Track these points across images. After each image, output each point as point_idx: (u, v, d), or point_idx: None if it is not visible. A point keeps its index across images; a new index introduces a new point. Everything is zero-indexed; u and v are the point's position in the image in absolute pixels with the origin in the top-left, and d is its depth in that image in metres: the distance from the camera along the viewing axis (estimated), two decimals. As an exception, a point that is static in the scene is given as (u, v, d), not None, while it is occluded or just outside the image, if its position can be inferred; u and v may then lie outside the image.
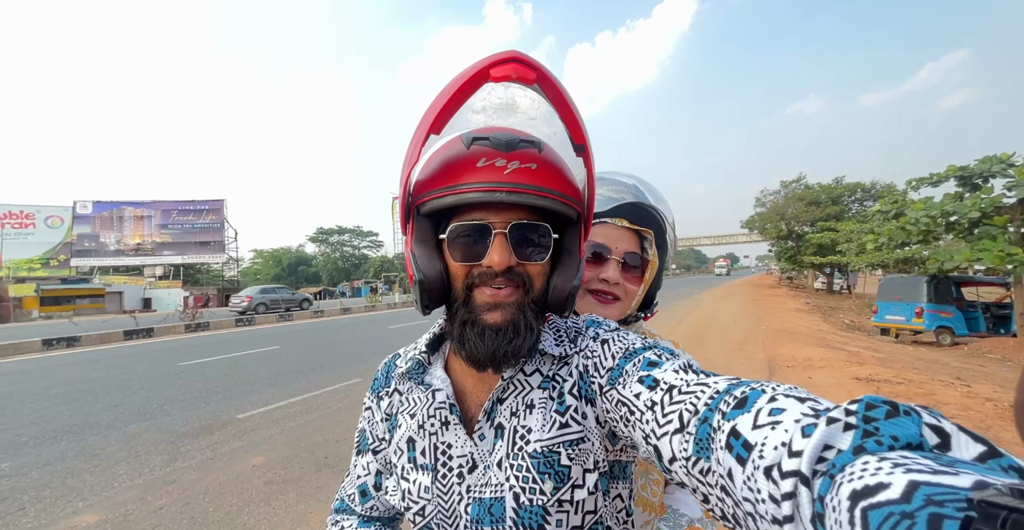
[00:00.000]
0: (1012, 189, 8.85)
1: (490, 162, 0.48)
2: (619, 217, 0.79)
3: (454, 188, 0.48)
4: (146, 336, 12.16)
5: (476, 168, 0.48)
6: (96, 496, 3.00)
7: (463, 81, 0.44)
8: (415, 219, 0.53)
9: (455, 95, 0.44)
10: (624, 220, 0.79)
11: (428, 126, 0.46)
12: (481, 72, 0.43)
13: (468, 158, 0.49)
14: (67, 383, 6.35)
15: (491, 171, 0.48)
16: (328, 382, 6.02)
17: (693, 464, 0.35)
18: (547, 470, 0.49)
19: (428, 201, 0.50)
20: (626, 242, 0.78)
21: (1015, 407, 0.27)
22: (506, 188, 0.47)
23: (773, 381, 0.36)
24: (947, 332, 9.96)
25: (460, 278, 0.51)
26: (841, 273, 27.90)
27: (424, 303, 0.52)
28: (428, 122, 0.47)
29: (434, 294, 0.51)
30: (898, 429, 0.24)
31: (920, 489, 0.20)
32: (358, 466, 0.66)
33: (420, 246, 0.52)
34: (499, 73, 0.43)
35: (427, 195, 0.50)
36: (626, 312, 0.78)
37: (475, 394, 0.57)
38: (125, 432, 4.23)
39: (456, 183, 0.48)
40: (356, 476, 0.66)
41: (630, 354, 0.48)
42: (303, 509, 2.80)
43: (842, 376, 5.75)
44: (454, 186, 0.48)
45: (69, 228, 37.36)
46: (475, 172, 0.48)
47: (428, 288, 0.50)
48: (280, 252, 54.24)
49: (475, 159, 0.48)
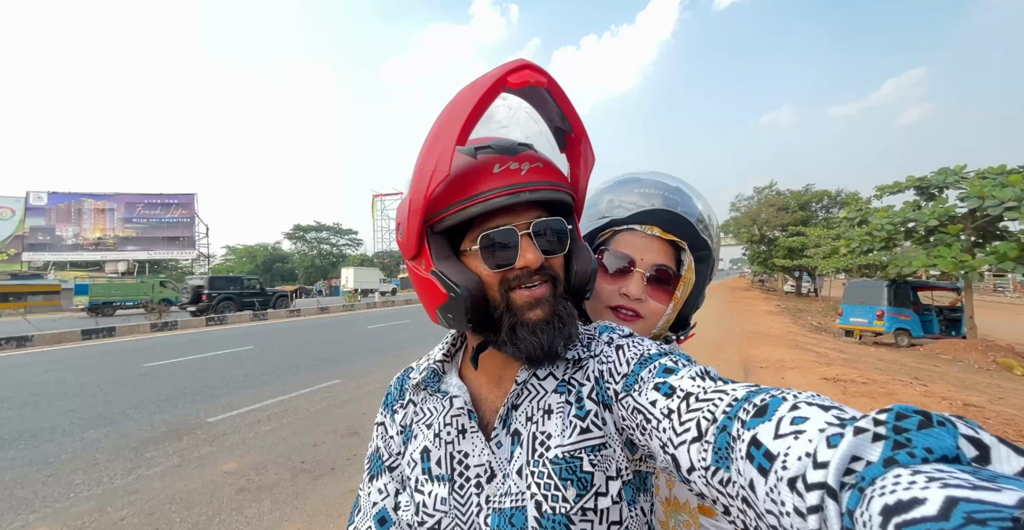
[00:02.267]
0: (964, 200, 9.48)
1: (504, 166, 0.49)
2: (649, 224, 0.69)
3: (477, 197, 0.48)
4: (107, 336, 11.48)
5: (493, 174, 0.48)
6: (49, 508, 2.80)
7: (483, 90, 0.44)
8: (430, 239, 0.51)
9: (479, 105, 0.44)
10: (656, 228, 0.69)
11: (455, 138, 0.45)
12: (500, 80, 0.44)
13: (480, 166, 0.49)
14: (17, 386, 5.93)
15: (509, 175, 0.48)
16: (305, 383, 5.84)
17: (712, 474, 0.34)
18: (569, 476, 0.48)
19: (447, 216, 0.49)
20: (655, 253, 0.69)
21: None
22: (528, 188, 0.48)
23: (791, 388, 0.35)
24: (905, 334, 10.57)
25: (495, 285, 0.51)
26: (809, 277, 29.17)
27: (468, 318, 0.50)
28: (453, 133, 0.45)
29: (477, 307, 0.50)
30: (932, 440, 0.23)
31: (959, 506, 0.18)
32: (372, 493, 0.61)
33: (444, 264, 0.50)
34: (517, 79, 0.44)
35: (445, 210, 0.49)
36: (650, 332, 0.70)
37: (490, 401, 0.56)
38: (82, 438, 3.97)
39: (477, 192, 0.48)
40: (372, 504, 0.60)
41: (645, 360, 0.48)
42: (278, 517, 2.70)
43: (812, 377, 6.00)
44: (475, 195, 0.48)
45: (21, 220, 35.00)
46: (493, 178, 0.48)
47: (473, 301, 0.50)
48: (255, 249, 52.40)
49: (488, 166, 0.49)
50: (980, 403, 4.92)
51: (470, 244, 0.51)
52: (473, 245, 0.50)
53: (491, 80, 0.44)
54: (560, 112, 0.51)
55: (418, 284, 0.54)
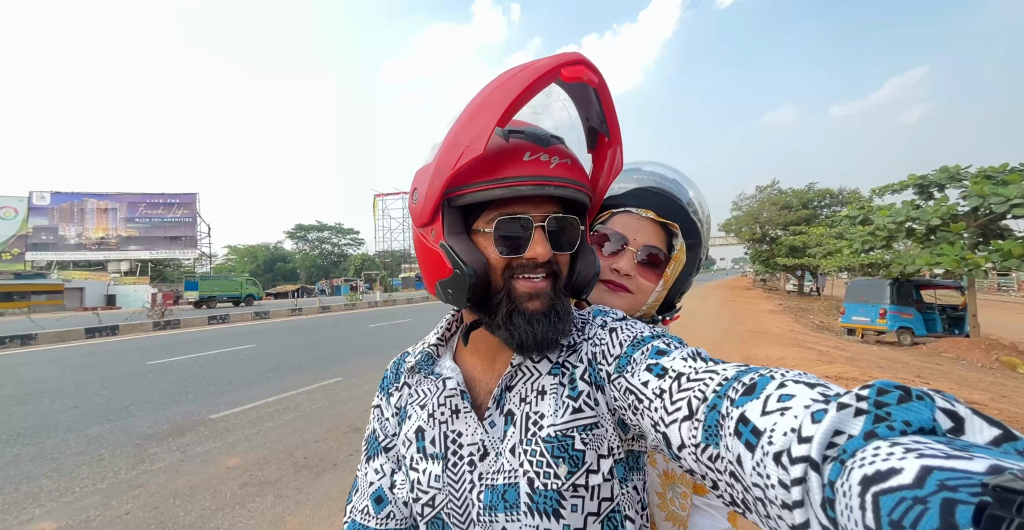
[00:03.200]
0: (966, 198, 9.44)
1: (535, 156, 0.48)
2: (645, 207, 0.73)
3: (503, 181, 0.47)
4: (110, 334, 11.54)
5: (523, 161, 0.48)
6: (54, 502, 2.83)
7: (534, 77, 0.44)
8: (445, 211, 0.51)
9: (527, 90, 0.44)
10: (650, 211, 0.73)
11: (497, 118, 0.44)
12: (552, 70, 0.44)
13: (511, 151, 0.48)
14: (21, 384, 5.97)
15: (537, 165, 0.48)
16: (306, 381, 5.86)
17: (702, 451, 0.35)
18: (561, 454, 0.49)
19: (469, 193, 0.49)
20: (647, 235, 0.72)
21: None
22: (554, 183, 0.48)
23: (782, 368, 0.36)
24: (908, 332, 10.53)
25: (500, 270, 0.51)
26: (812, 276, 29.09)
27: (468, 297, 0.51)
28: (496, 113, 0.44)
29: (479, 288, 0.50)
30: (910, 414, 0.24)
31: (933, 474, 0.19)
32: (369, 473, 0.63)
33: (455, 239, 0.50)
34: (571, 73, 0.44)
35: (468, 187, 0.48)
36: (638, 308, 0.73)
37: (484, 382, 0.57)
38: (87, 435, 4.00)
39: (504, 176, 0.48)
40: (368, 484, 0.62)
41: (638, 342, 0.49)
42: (281, 512, 2.72)
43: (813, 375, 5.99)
44: (503, 179, 0.47)
45: (24, 220, 35.17)
46: (522, 165, 0.48)
47: (476, 282, 0.50)
48: (256, 248, 52.53)
49: (519, 152, 0.48)
50: (983, 401, 4.91)
51: (484, 225, 0.51)
52: (487, 227, 0.50)
53: (544, 68, 0.44)
54: (601, 114, 0.52)
55: (424, 254, 0.54)
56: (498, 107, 0.44)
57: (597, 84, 0.47)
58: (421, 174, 0.53)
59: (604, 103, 0.50)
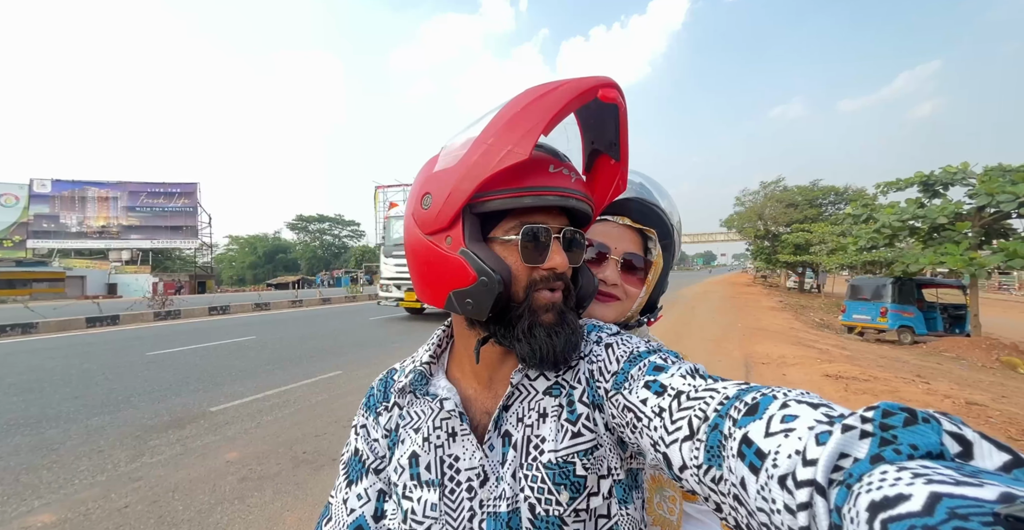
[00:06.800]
0: (973, 197, 9.35)
1: (559, 169, 0.50)
2: (621, 215, 0.75)
3: (532, 190, 0.48)
4: (111, 323, 11.57)
5: (549, 173, 0.49)
6: (54, 494, 2.83)
7: (579, 91, 0.45)
8: (467, 217, 0.49)
9: (571, 103, 0.45)
10: (626, 218, 0.75)
11: (543, 126, 0.44)
12: (593, 89, 0.46)
13: (537, 162, 0.49)
14: (21, 372, 5.98)
15: (561, 178, 0.49)
16: (307, 374, 5.87)
17: (704, 472, 0.34)
18: (563, 481, 0.48)
19: (495, 200, 0.48)
20: (627, 242, 0.74)
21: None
22: (576, 195, 0.50)
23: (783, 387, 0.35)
24: (908, 331, 10.53)
25: (523, 280, 0.50)
26: (813, 273, 29.03)
27: (491, 306, 0.49)
28: (542, 120, 0.44)
29: (502, 297, 0.48)
30: (917, 437, 0.23)
31: (943, 501, 0.19)
32: (350, 499, 0.56)
33: (478, 246, 0.49)
34: (607, 95, 0.46)
35: (494, 194, 0.48)
36: (626, 314, 0.74)
37: (480, 402, 0.55)
38: (86, 425, 4.01)
39: (533, 185, 0.48)
40: (348, 511, 0.56)
41: (635, 358, 0.48)
42: (279, 507, 2.72)
43: (813, 373, 5.98)
44: (532, 188, 0.48)
45: (25, 207, 35.09)
46: (549, 177, 0.49)
47: (502, 292, 0.48)
48: (256, 239, 52.51)
49: (545, 164, 0.49)
50: (983, 401, 4.90)
51: (503, 233, 0.50)
52: (509, 235, 0.49)
53: (587, 85, 0.45)
54: (615, 138, 0.53)
55: (436, 262, 0.50)
56: (544, 115, 0.45)
57: (622, 108, 0.49)
58: (434, 178, 0.50)
59: (621, 126, 0.51)
